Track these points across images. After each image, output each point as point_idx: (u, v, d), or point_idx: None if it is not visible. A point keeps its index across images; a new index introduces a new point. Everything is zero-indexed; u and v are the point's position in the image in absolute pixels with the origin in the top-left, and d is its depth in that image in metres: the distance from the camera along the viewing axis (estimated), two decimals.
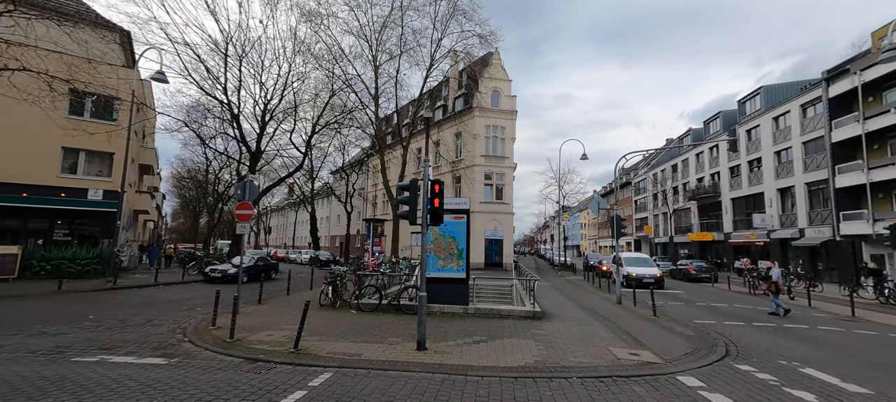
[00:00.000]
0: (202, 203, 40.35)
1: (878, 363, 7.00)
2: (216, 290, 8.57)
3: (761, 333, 9.56)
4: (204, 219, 45.72)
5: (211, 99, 22.63)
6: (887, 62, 17.07)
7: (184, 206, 51.46)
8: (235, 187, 9.68)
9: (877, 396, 5.27)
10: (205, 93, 21.98)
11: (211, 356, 6.43)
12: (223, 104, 22.50)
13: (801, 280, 20.56)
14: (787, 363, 6.77)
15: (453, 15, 23.25)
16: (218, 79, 21.80)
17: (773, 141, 28.84)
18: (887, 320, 12.25)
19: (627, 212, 53.71)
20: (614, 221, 14.94)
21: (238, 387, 5.02)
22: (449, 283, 10.97)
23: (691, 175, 39.54)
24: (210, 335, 7.71)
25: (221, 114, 24.09)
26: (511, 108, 31.19)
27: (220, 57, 21.39)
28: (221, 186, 37.88)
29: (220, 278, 17.31)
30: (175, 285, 16.33)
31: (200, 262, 21.74)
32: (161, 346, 6.97)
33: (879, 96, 21.90)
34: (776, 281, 12.92)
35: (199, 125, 25.52)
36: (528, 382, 5.54)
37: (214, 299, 8.33)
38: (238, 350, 6.69)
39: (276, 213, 78.93)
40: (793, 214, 27.00)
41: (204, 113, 24.46)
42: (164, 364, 5.93)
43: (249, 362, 6.18)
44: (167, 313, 10.06)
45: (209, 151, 30.77)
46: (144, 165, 26.88)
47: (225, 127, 25.41)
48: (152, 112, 23.47)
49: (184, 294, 13.71)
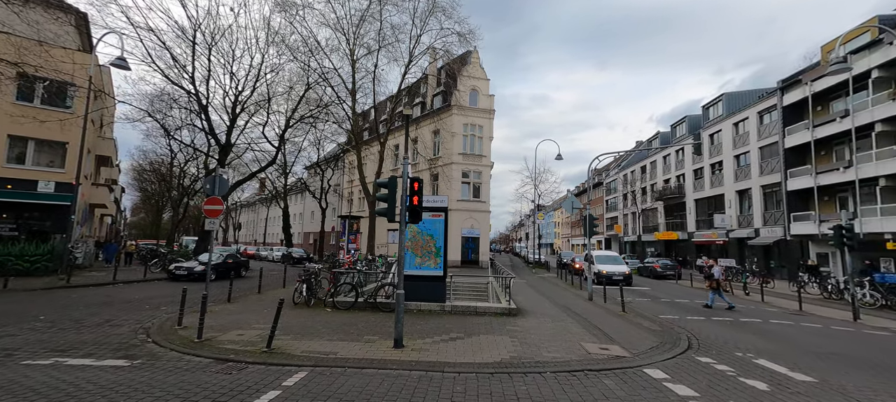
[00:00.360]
0: (166, 197, 38.39)
1: (822, 354, 7.60)
2: (182, 288, 8.21)
3: (720, 327, 10.15)
4: (168, 214, 43.53)
5: (177, 88, 21.57)
6: (834, 75, 18.46)
7: (145, 200, 48.78)
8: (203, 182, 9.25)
9: (820, 383, 5.73)
10: (170, 82, 20.91)
11: (177, 357, 6.16)
12: (190, 94, 21.49)
13: (756, 277, 21.95)
14: (742, 355, 7.23)
15: (432, 12, 23.18)
16: (185, 67, 20.79)
17: (733, 145, 30.57)
18: (830, 313, 13.30)
19: (599, 211, 55.47)
20: (587, 220, 15.42)
21: (207, 388, 4.84)
22: (426, 280, 10.99)
23: (659, 176, 41.31)
24: (176, 335, 7.38)
25: (188, 104, 22.99)
26: (489, 107, 31.48)
27: (188, 44, 20.40)
28: (187, 180, 36.18)
29: (186, 276, 16.57)
30: (136, 284, 15.49)
31: (164, 259, 20.70)
32: (122, 347, 6.61)
33: (827, 106, 23.66)
34: (717, 278, 13.82)
35: (163, 116, 24.24)
36: (503, 377, 5.64)
37: (181, 297, 7.98)
38: (207, 350, 6.45)
39: (246, 208, 76.21)
40: (749, 214, 28.75)
41: (169, 103, 23.25)
42: (125, 366, 5.63)
43: (219, 362, 5.97)
44: (128, 313, 9.54)
45: (174, 143, 29.32)
46: (102, 156, 25.27)
47: (192, 118, 24.26)
48: (111, 100, 22.10)
49: (146, 293, 13.03)
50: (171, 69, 20.50)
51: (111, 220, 43.32)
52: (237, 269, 18.98)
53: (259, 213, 69.95)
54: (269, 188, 43.89)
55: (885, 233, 18.79)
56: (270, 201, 50.41)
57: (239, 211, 68.51)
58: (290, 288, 12.92)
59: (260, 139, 27.93)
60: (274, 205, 50.82)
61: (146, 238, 47.10)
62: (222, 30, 21.79)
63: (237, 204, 62.93)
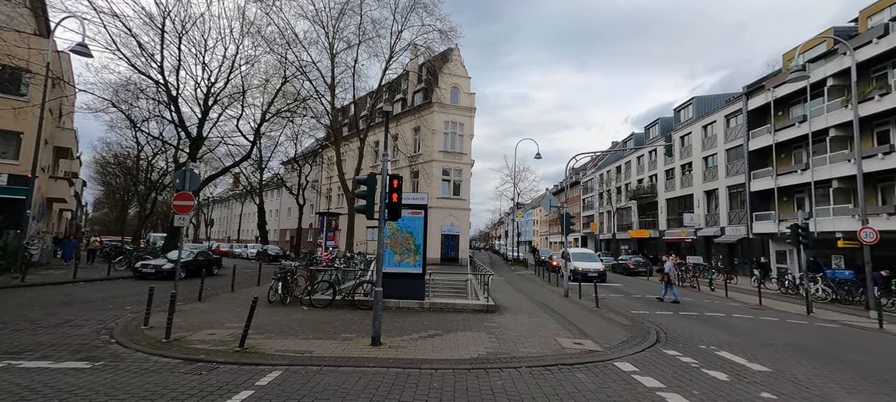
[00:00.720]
0: (132, 192, 36.58)
1: (777, 345, 8.09)
2: (149, 287, 7.89)
3: (686, 321, 10.63)
4: (134, 209, 41.55)
5: (144, 78, 20.55)
6: (794, 82, 19.48)
7: (109, 194, 46.32)
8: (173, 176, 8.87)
9: (774, 373, 6.11)
10: (137, 71, 19.89)
11: (143, 358, 5.93)
12: (159, 85, 20.53)
13: (721, 274, 23.06)
14: (706, 348, 7.60)
15: (414, 8, 23.06)
16: (153, 56, 19.84)
17: (702, 147, 31.92)
18: (787, 307, 14.16)
19: (576, 210, 56.77)
20: (564, 218, 15.77)
21: (175, 389, 4.69)
22: (405, 278, 10.97)
23: (633, 176, 42.65)
24: (142, 335, 7.09)
25: (156, 95, 21.97)
26: (470, 105, 31.61)
27: (156, 32, 19.47)
28: (155, 174, 34.61)
29: (154, 275, 15.90)
30: (99, 282, 14.73)
31: (129, 256, 19.76)
32: (83, 348, 6.29)
33: (787, 111, 25.05)
34: (668, 273, 14.72)
35: (129, 106, 23.09)
36: (480, 373, 5.73)
37: (148, 296, 7.66)
38: (175, 351, 6.23)
39: (219, 204, 73.66)
40: (716, 214, 30.13)
41: (135, 93, 22.13)
42: (86, 369, 5.36)
43: (189, 362, 5.78)
44: (90, 313, 9.07)
45: (141, 135, 27.98)
46: (61, 147, 23.82)
47: (161, 110, 23.20)
48: (71, 89, 20.85)
49: (110, 292, 12.42)
50: (138, 58, 19.51)
51: (71, 215, 40.92)
52: (209, 267, 18.37)
53: (233, 209, 67.75)
54: (244, 184, 42.59)
55: (836, 232, 20.10)
56: (245, 196, 48.93)
57: (211, 207, 66.12)
58: (265, 286, 12.62)
59: (234, 133, 27.11)
60: (249, 201, 49.37)
61: (111, 234, 44.81)
62: (194, 18, 20.93)
63: (209, 200, 60.71)
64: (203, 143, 23.52)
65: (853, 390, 5.46)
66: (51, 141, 21.07)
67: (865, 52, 19.11)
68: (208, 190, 49.06)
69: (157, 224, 51.76)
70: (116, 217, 46.20)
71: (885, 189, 19.62)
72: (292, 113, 26.57)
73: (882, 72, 19.58)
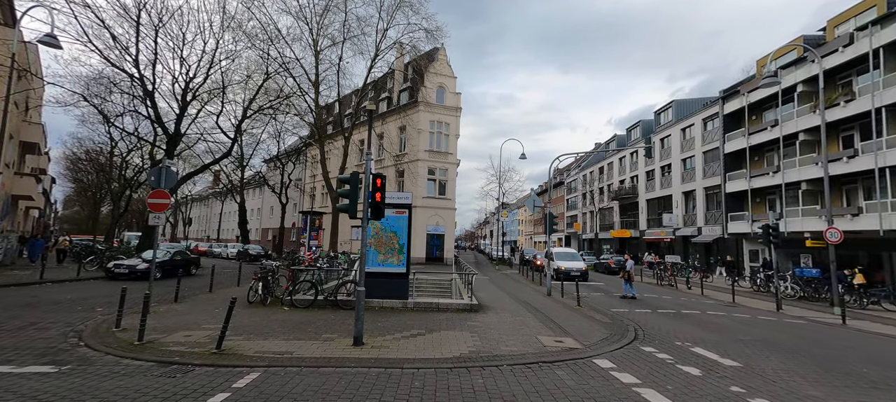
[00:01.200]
0: (105, 189, 35.21)
1: (749, 341, 8.40)
2: (122, 288, 7.61)
3: (664, 318, 10.93)
4: (107, 208, 40.03)
5: (118, 72, 19.82)
6: (766, 88, 20.23)
7: (80, 192, 44.46)
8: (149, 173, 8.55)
9: (744, 367, 6.35)
10: (110, 64, 19.19)
11: (114, 361, 5.72)
12: (134, 79, 19.84)
13: (697, 272, 23.79)
14: (681, 344, 7.84)
15: (400, 6, 22.94)
16: (127, 49, 19.18)
17: (681, 149, 32.86)
18: (758, 304, 14.72)
19: (560, 210, 57.58)
20: (547, 218, 15.99)
21: (148, 393, 4.55)
22: (389, 277, 10.92)
23: (615, 177, 43.54)
24: (113, 337, 6.84)
25: (131, 89, 21.21)
26: (456, 104, 31.66)
27: (131, 24, 18.83)
28: (130, 171, 33.42)
29: (127, 275, 15.36)
30: (68, 283, 14.14)
31: (101, 256, 19.03)
32: (49, 352, 6.03)
33: (761, 116, 26.03)
34: (629, 270, 15.32)
35: (101, 101, 22.20)
36: (462, 371, 5.76)
37: (120, 297, 7.40)
38: (149, 353, 6.04)
39: (198, 202, 71.65)
40: (694, 214, 31.06)
41: (108, 87, 21.29)
42: (52, 373, 5.15)
43: (162, 365, 5.61)
44: (57, 315, 8.70)
45: (115, 130, 26.95)
46: (27, 142, 22.71)
47: (136, 104, 22.43)
48: (39, 81, 19.92)
49: (79, 293, 11.94)
50: (112, 50, 18.83)
51: (38, 213, 39.11)
52: (186, 267, 17.86)
53: (212, 207, 66.01)
54: (224, 182, 41.52)
55: (805, 232, 21.00)
56: (225, 195, 47.72)
57: (189, 205, 64.21)
58: (245, 286, 12.35)
59: (214, 130, 26.35)
60: (229, 199, 48.18)
61: (82, 233, 43.03)
62: (171, 11, 20.41)
63: (187, 198, 58.95)
64: (181, 139, 22.87)
65: (816, 382, 5.73)
66: (16, 136, 20.09)
67: (832, 60, 20.03)
68: (186, 188, 47.66)
69: (131, 223, 50.00)
70: (88, 215, 44.41)
71: (850, 191, 20.61)
72: (275, 110, 26.11)
73: (847, 79, 20.55)
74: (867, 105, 18.24)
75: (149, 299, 7.03)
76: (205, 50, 21.56)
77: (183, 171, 32.95)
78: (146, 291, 7.27)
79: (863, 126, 19.43)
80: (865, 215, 18.30)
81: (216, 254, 36.39)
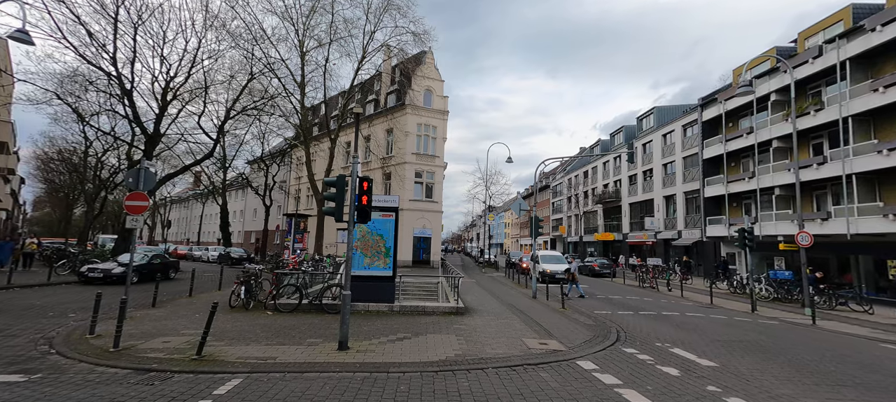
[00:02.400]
0: (79, 191, 33.92)
1: (725, 341, 8.68)
2: (97, 292, 7.36)
3: (645, 320, 11.18)
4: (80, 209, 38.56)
5: (94, 69, 19.17)
6: (742, 96, 20.94)
7: (52, 193, 42.69)
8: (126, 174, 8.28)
9: (721, 367, 6.57)
10: (85, 62, 18.54)
11: (88, 369, 5.53)
12: (111, 77, 19.22)
13: (677, 274, 24.41)
14: (661, 345, 8.04)
15: (387, 9, 22.93)
16: (104, 47, 18.57)
17: (662, 155, 33.72)
18: (734, 306, 15.20)
19: (545, 213, 58.25)
20: (533, 222, 16.18)
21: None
22: (375, 281, 10.87)
23: (599, 181, 44.34)
24: (87, 344, 6.61)
25: (108, 88, 20.53)
26: (443, 108, 31.76)
27: (108, 21, 18.25)
28: (106, 172, 32.29)
29: (102, 279, 14.84)
30: (38, 288, 13.56)
31: (74, 260, 18.31)
32: (17, 360, 5.79)
33: (737, 123, 26.95)
34: (573, 273, 16.52)
35: (76, 99, 21.43)
36: (447, 375, 5.78)
37: (94, 302, 7.15)
38: (125, 360, 5.86)
39: (178, 204, 69.70)
40: (674, 218, 31.89)
41: (83, 85, 20.56)
42: (21, 382, 4.94)
43: (140, 372, 5.45)
44: (26, 321, 8.34)
45: (90, 130, 26.02)
46: None
47: (112, 103, 21.71)
48: (9, 78, 19.11)
49: (51, 298, 11.47)
50: (87, 47, 18.19)
51: (6, 215, 37.37)
52: (165, 270, 17.37)
53: (193, 209, 64.36)
54: (206, 183, 40.52)
55: (778, 235, 21.79)
56: (207, 197, 46.56)
57: (169, 207, 62.39)
58: (227, 291, 12.09)
59: (195, 130, 25.74)
60: (211, 201, 47.04)
61: (53, 236, 41.26)
62: (151, 8, 19.77)
63: (166, 200, 57.28)
64: (160, 140, 22.24)
65: (788, 381, 5.97)
66: None
67: (803, 71, 20.93)
68: (165, 189, 46.35)
69: (106, 225, 48.27)
70: (60, 217, 42.67)
71: (820, 197, 21.52)
72: (259, 111, 25.65)
73: (817, 89, 21.50)
74: (835, 115, 19.12)
75: (125, 304, 6.82)
76: (186, 49, 21.04)
77: (162, 172, 32.07)
78: (122, 295, 7.05)
79: (831, 134, 20.34)
80: (834, 220, 19.13)
81: (197, 257, 35.44)
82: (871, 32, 17.77)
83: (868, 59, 18.65)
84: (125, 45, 19.17)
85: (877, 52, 18.06)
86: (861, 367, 6.96)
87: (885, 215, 16.70)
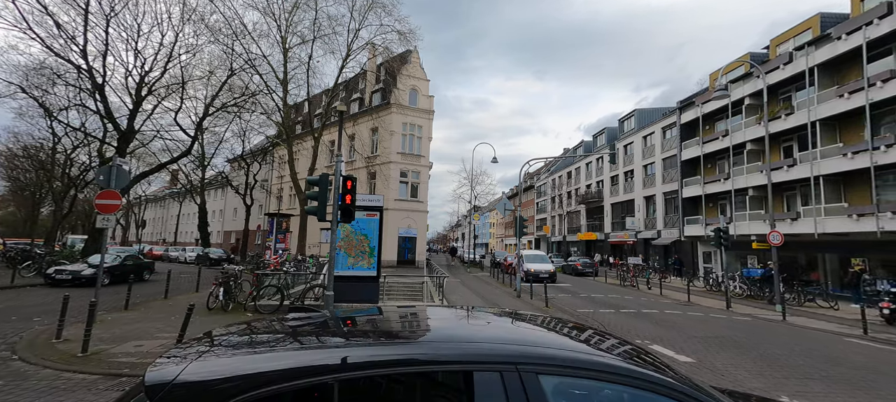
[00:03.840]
0: (46, 189, 32.37)
1: (701, 338, 8.95)
2: (64, 295, 7.03)
3: (626, 317, 11.43)
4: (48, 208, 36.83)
5: (63, 62, 18.33)
6: (718, 100, 21.64)
7: (17, 191, 40.58)
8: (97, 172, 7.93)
9: (697, 363, 6.76)
10: (53, 54, 17.71)
11: (53, 375, 5.27)
12: (81, 70, 18.42)
13: (657, 273, 25.05)
14: (641, 342, 8.22)
15: (372, 7, 22.72)
16: (74, 38, 17.80)
17: (643, 156, 34.54)
18: (710, 303, 15.70)
19: (530, 213, 58.88)
20: (517, 221, 16.32)
21: None
22: (358, 281, 10.73)
23: (582, 182, 45.10)
24: (53, 349, 6.30)
25: (78, 82, 19.67)
26: (428, 107, 31.69)
27: (79, 12, 17.49)
28: (75, 170, 30.93)
29: (71, 281, 14.21)
30: (1, 291, 12.86)
31: (40, 261, 17.46)
32: None
33: (713, 126, 27.85)
34: (512, 265, 16.81)
35: (43, 93, 20.45)
36: None
37: (62, 305, 6.83)
38: (93, 366, 5.61)
39: (153, 203, 67.41)
40: (654, 218, 32.71)
41: (51, 78, 19.64)
42: None
43: (110, 378, 5.23)
44: None
45: (59, 125, 24.87)
46: None
47: (83, 98, 20.79)
48: None
49: (14, 302, 10.90)
50: (55, 39, 17.39)
51: None
52: (138, 272, 16.77)
53: (169, 209, 62.33)
54: (183, 182, 39.29)
55: (751, 235, 22.60)
56: (184, 196, 45.15)
57: (143, 207, 60.23)
58: (205, 292, 11.74)
59: (172, 127, 24.89)
60: (188, 200, 45.64)
61: (17, 236, 39.28)
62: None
63: (141, 198, 55.29)
64: (134, 136, 21.45)
65: (759, 375, 6.19)
66: None
67: (775, 76, 21.79)
68: (140, 188, 44.73)
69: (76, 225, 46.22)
70: (25, 217, 40.58)
71: (790, 198, 22.44)
72: (240, 108, 25.04)
73: (788, 94, 22.42)
74: (804, 119, 19.97)
75: (95, 307, 6.53)
76: (162, 43, 20.33)
77: (136, 170, 30.91)
78: (92, 298, 6.75)
79: (801, 138, 21.24)
80: (803, 220, 19.98)
81: (173, 258, 34.34)
82: (837, 41, 18.64)
83: (834, 66, 19.56)
84: (96, 37, 18.42)
85: (842, 60, 18.95)
86: (827, 361, 7.28)
87: (850, 215, 17.54)
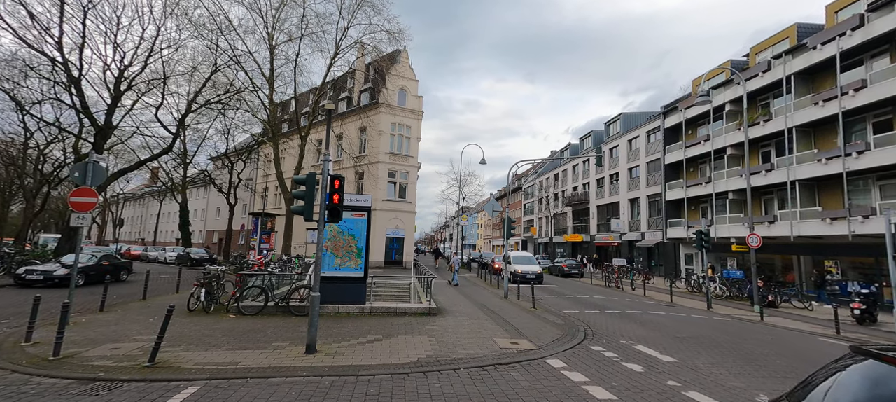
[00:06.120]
0: (17, 186, 31.03)
1: (684, 338, 9.14)
2: (35, 296, 6.73)
3: (611, 319, 11.58)
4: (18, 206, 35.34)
5: (36, 54, 17.62)
6: (700, 105, 22.15)
7: None
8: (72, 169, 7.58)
9: (680, 363, 6.89)
10: (26, 45, 17.01)
11: (22, 380, 5.03)
12: (56, 63, 17.73)
13: (640, 274, 25.50)
14: (626, 343, 8.34)
15: (361, 6, 22.57)
16: (48, 30, 17.14)
17: (628, 159, 35.17)
18: (692, 304, 16.06)
19: (517, 214, 59.28)
20: (506, 223, 16.39)
21: None
22: (346, 282, 10.61)
23: (569, 184, 45.65)
24: (22, 353, 6.03)
25: (52, 75, 18.93)
26: (417, 108, 31.61)
27: (53, 2, 16.85)
28: (49, 166, 29.74)
29: (42, 282, 13.64)
30: None
31: (9, 261, 16.73)
32: None
33: (696, 130, 28.56)
34: (451, 262, 17.83)
35: (15, 85, 19.60)
36: (419, 376, 5.71)
37: (32, 307, 6.54)
38: (66, 370, 5.38)
39: (132, 202, 65.38)
40: (638, 220, 33.32)
41: (24, 71, 18.84)
42: None
43: (83, 382, 5.02)
44: None
45: (32, 119, 23.86)
46: None
47: (58, 92, 20.02)
48: None
49: None
50: (28, 30, 16.72)
51: None
52: (115, 272, 16.21)
53: (149, 207, 60.53)
54: (164, 180, 38.20)
55: (731, 237, 23.28)
56: (165, 194, 43.89)
57: (121, 205, 58.34)
58: (186, 293, 11.42)
59: (152, 123, 24.31)
60: (169, 199, 44.40)
61: None
62: None
63: (119, 196, 53.53)
64: (112, 132, 20.75)
65: (739, 374, 6.35)
66: None
67: (754, 84, 22.47)
68: (118, 185, 43.32)
69: (49, 224, 44.54)
70: None
71: (768, 201, 23.16)
72: (224, 105, 24.51)
73: (766, 101, 23.15)
74: (782, 125, 20.65)
75: (68, 308, 6.27)
76: (143, 36, 19.73)
77: (114, 167, 29.92)
78: (65, 299, 6.48)
79: (778, 143, 21.95)
80: (780, 223, 20.64)
81: (152, 258, 33.35)
82: (812, 50, 19.34)
83: (810, 75, 20.29)
84: (73, 28, 17.78)
85: (817, 69, 19.68)
86: (802, 360, 7.52)
87: (823, 218, 18.20)
